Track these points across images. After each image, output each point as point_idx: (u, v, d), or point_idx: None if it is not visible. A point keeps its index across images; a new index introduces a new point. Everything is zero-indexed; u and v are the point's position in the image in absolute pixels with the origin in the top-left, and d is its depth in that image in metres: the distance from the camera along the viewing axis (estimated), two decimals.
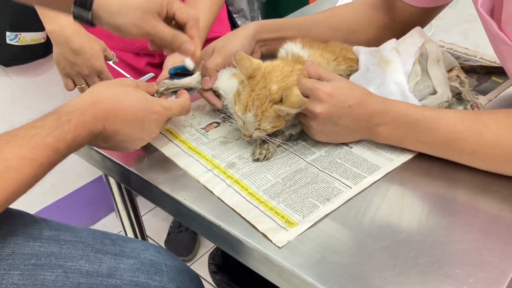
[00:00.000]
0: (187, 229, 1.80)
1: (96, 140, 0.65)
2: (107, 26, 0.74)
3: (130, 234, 1.02)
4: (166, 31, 0.74)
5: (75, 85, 1.08)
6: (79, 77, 1.07)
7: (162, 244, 1.82)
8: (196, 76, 0.80)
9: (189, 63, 0.77)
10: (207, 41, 1.33)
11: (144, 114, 0.67)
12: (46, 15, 1.03)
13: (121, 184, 0.93)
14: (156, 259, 0.69)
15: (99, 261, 0.64)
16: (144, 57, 1.31)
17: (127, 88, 0.68)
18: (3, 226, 0.60)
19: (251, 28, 0.85)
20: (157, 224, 1.92)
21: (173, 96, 0.78)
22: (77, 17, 0.73)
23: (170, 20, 0.77)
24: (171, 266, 0.71)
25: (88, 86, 0.93)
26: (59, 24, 1.02)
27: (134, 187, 0.76)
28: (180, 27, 0.77)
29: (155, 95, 0.77)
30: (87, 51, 1.03)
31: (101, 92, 0.65)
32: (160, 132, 0.74)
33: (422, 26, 0.84)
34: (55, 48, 1.05)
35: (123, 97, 0.66)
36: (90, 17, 0.72)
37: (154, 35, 0.74)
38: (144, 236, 1.05)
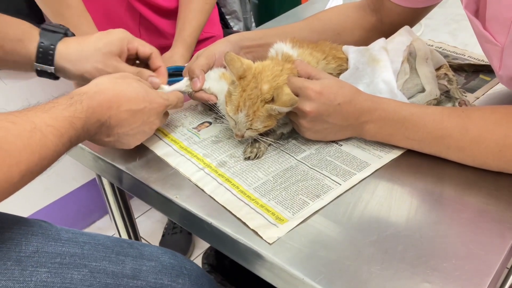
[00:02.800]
0: (181, 231, 1.80)
1: (100, 132, 0.65)
2: (72, 75, 0.78)
3: (124, 236, 1.03)
4: (128, 70, 0.78)
5: None
6: None
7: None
8: (185, 80, 0.81)
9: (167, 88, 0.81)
10: (200, 42, 1.34)
11: (145, 105, 0.68)
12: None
13: (114, 185, 0.93)
14: (175, 263, 0.70)
15: (122, 262, 0.65)
16: None
17: (128, 80, 0.69)
18: (21, 227, 0.61)
19: (233, 36, 0.86)
20: (152, 226, 1.92)
21: None
22: (40, 73, 0.77)
23: (134, 58, 0.82)
24: (191, 270, 0.72)
25: None
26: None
27: (127, 187, 0.77)
28: (144, 61, 0.82)
29: None
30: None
31: (104, 84, 0.66)
32: None
33: (411, 26, 0.85)
34: None
35: (125, 88, 0.67)
36: (54, 71, 0.77)
37: None
38: (138, 238, 1.06)
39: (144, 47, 0.82)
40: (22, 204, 1.63)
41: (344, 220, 0.62)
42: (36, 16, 1.40)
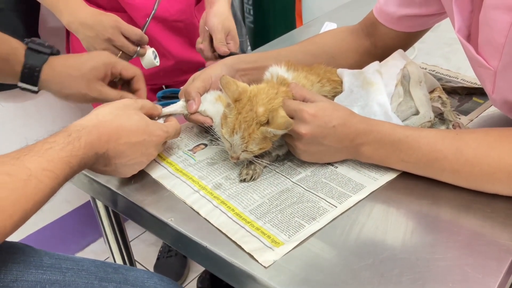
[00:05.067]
0: (176, 254, 1.78)
1: (97, 162, 0.66)
2: (57, 95, 0.83)
3: (118, 259, 1.01)
4: (112, 94, 0.84)
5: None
6: (111, 47, 1.03)
7: (151, 269, 1.80)
8: (181, 102, 0.82)
9: None
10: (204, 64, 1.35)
11: (144, 137, 0.69)
12: (58, 10, 1.05)
13: (109, 208, 0.93)
14: None
15: None
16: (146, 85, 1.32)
17: (129, 111, 0.70)
18: (2, 254, 0.60)
19: (229, 59, 0.88)
20: (147, 249, 1.90)
21: (161, 119, 0.79)
22: (23, 89, 0.80)
23: (117, 78, 0.87)
24: None
25: (122, 51, 1.00)
26: (71, 13, 1.03)
27: (121, 210, 0.76)
28: (128, 81, 0.89)
29: (155, 118, 0.79)
30: (102, 17, 1.03)
31: (104, 116, 0.67)
32: None
33: (404, 50, 0.87)
34: (80, 39, 1.05)
35: (124, 121, 0.68)
36: (37, 90, 0.80)
37: (102, 99, 0.83)
38: (132, 261, 1.05)
39: (127, 71, 0.86)
40: None
41: (340, 243, 0.61)
42: (32, 36, 1.41)
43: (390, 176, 0.72)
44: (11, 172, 0.53)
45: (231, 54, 0.99)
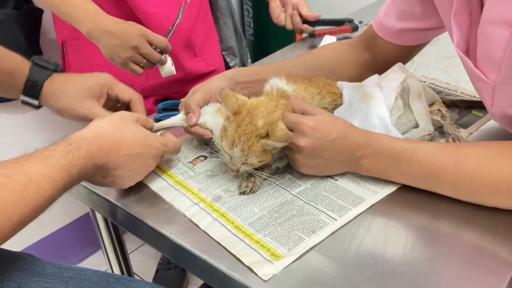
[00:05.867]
0: (175, 266, 1.77)
1: (96, 174, 0.66)
2: (52, 108, 0.86)
3: (117, 271, 1.01)
4: (100, 114, 0.84)
5: (141, 67, 1.06)
6: (136, 55, 1.03)
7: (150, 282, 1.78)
8: (181, 115, 0.82)
9: None
10: (204, 75, 1.36)
11: (143, 149, 0.70)
12: (76, 19, 1.04)
13: (108, 220, 0.92)
14: None
15: None
16: (150, 97, 1.32)
17: (128, 123, 0.71)
18: (5, 262, 0.60)
19: (229, 71, 0.88)
20: (145, 261, 1.89)
21: (158, 133, 0.79)
22: (24, 103, 0.84)
23: (115, 100, 0.88)
24: None
25: (146, 59, 1.03)
26: (93, 22, 1.03)
27: (120, 222, 0.76)
28: (127, 104, 0.89)
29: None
30: (126, 25, 1.02)
31: (104, 127, 0.67)
32: None
33: (404, 63, 0.87)
34: (101, 47, 1.04)
35: (124, 132, 0.68)
36: (38, 105, 0.84)
37: (90, 118, 0.84)
38: (131, 274, 1.04)
39: (124, 94, 0.87)
40: (14, 238, 1.59)
41: (340, 257, 0.61)
42: (33, 48, 1.41)
43: (390, 189, 0.72)
44: (11, 175, 0.53)
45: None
